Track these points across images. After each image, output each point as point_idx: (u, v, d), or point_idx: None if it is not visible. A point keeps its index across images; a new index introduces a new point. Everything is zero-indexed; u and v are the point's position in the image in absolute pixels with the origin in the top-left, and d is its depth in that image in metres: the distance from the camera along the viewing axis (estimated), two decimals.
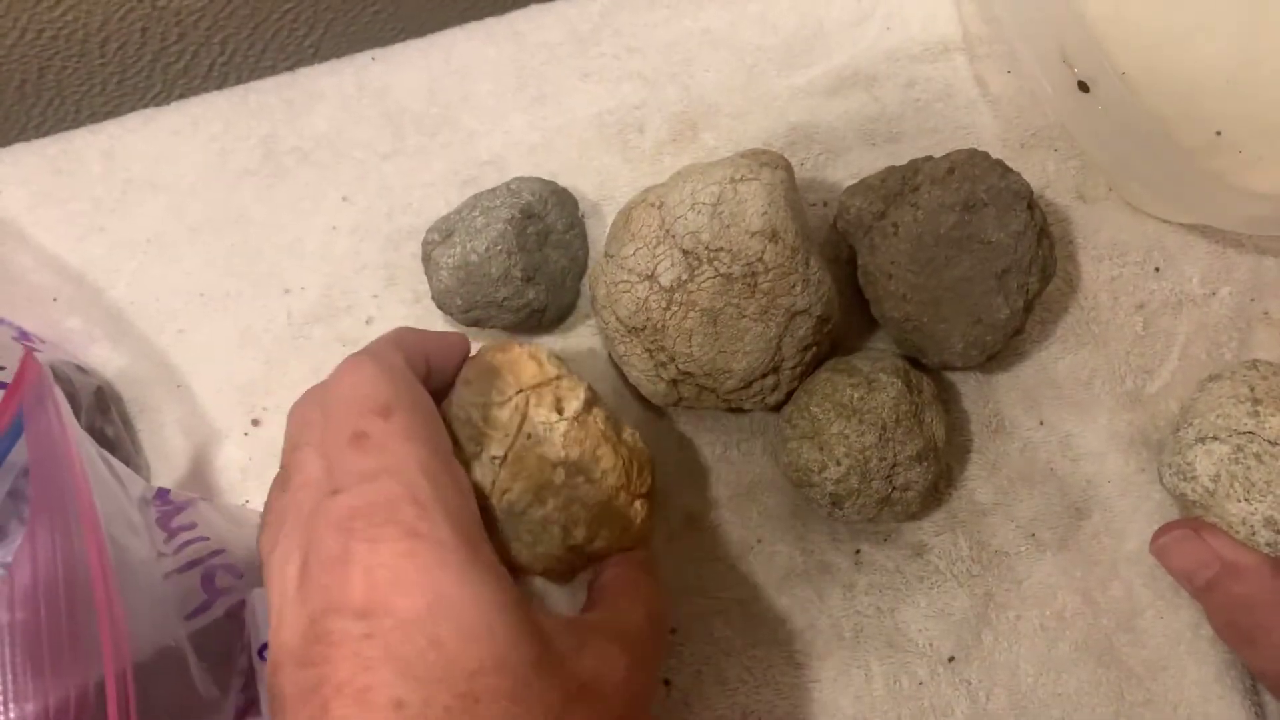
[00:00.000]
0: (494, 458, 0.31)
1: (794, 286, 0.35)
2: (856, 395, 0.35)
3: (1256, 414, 0.36)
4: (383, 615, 0.23)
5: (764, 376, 0.36)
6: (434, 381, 0.31)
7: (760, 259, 0.34)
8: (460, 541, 0.25)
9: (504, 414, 0.31)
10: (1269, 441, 0.35)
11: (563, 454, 0.32)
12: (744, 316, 0.35)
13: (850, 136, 0.42)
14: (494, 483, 0.31)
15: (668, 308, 0.35)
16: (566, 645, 0.26)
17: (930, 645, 0.38)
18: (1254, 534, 0.35)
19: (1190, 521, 0.36)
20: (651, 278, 0.35)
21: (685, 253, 0.34)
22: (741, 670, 0.37)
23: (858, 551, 0.39)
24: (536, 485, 0.31)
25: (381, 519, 0.24)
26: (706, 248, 0.34)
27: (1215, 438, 0.36)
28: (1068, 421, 0.40)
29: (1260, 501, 0.35)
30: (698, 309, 0.35)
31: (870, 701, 0.37)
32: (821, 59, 0.43)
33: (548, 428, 0.32)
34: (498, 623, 0.24)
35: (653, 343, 0.36)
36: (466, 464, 0.31)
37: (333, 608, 0.24)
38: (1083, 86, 0.37)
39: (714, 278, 0.34)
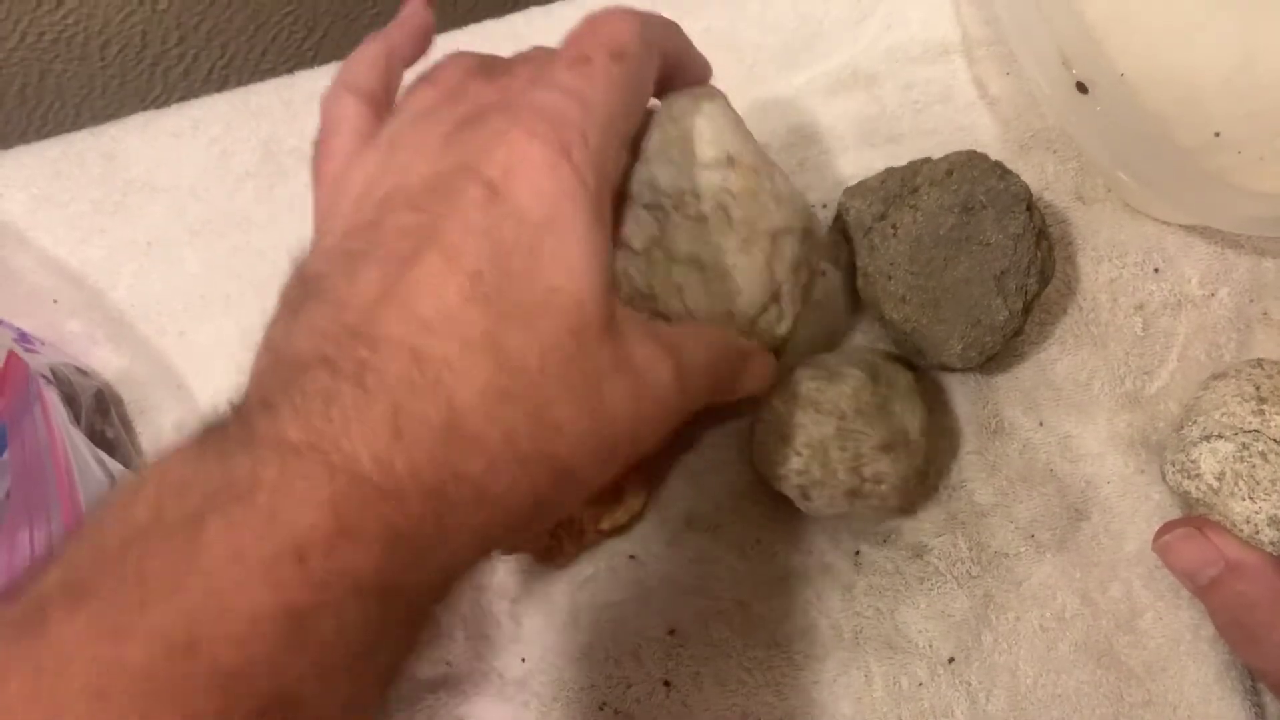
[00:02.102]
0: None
1: (766, 206, 0.33)
2: (814, 386, 0.35)
3: (1262, 412, 0.35)
4: (502, 200, 0.24)
5: (765, 309, 0.34)
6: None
7: (725, 189, 0.32)
8: (595, 194, 0.25)
9: None
10: (1274, 440, 0.35)
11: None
12: (727, 253, 0.33)
13: (850, 137, 0.42)
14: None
15: (649, 269, 0.33)
16: (630, 328, 0.26)
17: (930, 646, 0.38)
18: (1258, 533, 0.35)
19: (1193, 520, 0.36)
20: (624, 246, 0.33)
21: (648, 208, 0.32)
22: (741, 671, 0.38)
23: (857, 553, 0.39)
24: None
25: (549, 127, 0.25)
26: (668, 195, 0.32)
27: (1220, 436, 0.36)
28: (1067, 422, 0.40)
29: (1265, 500, 0.34)
30: (680, 260, 0.32)
31: (870, 702, 0.37)
32: (821, 59, 0.43)
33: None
34: (593, 269, 0.24)
35: (645, 311, 0.33)
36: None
37: (468, 166, 0.24)
38: (1081, 88, 0.37)
39: (686, 222, 0.32)
